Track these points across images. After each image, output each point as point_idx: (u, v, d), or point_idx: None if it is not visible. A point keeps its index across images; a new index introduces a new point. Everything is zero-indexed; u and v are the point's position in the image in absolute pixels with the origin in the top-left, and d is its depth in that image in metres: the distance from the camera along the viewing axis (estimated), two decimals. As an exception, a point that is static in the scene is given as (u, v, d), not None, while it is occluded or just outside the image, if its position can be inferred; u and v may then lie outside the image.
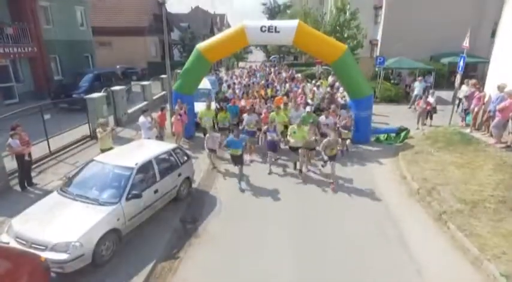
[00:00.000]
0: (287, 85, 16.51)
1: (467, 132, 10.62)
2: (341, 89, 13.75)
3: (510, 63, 9.95)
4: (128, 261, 5.30)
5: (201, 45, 11.24)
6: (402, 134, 11.67)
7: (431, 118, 13.51)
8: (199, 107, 12.47)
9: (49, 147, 9.65)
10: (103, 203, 5.38)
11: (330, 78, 19.45)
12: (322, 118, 10.11)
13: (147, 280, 4.99)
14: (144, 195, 5.83)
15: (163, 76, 19.93)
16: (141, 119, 9.31)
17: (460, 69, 11.52)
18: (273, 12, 54.18)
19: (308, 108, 10.58)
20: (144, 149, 6.93)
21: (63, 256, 4.56)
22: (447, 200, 6.90)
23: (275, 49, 44.99)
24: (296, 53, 43.14)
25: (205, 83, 14.69)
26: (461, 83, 12.48)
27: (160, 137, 10.65)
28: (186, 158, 7.59)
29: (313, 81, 18.57)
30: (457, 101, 13.58)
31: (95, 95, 11.78)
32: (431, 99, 13.22)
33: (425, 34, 23.19)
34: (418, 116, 13.16)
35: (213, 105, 13.87)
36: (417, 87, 16.52)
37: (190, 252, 5.74)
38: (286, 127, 9.78)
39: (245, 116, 10.07)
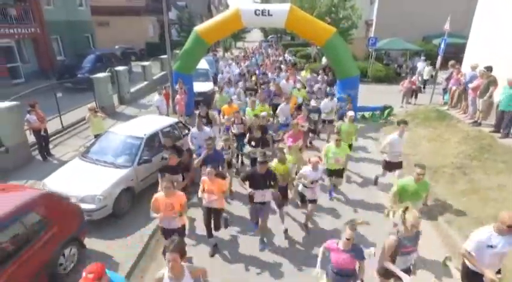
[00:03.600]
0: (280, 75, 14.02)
1: (444, 110, 11.62)
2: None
3: (484, 46, 10.80)
4: (142, 214, 6.38)
5: (198, 28, 11.98)
6: (386, 112, 12.66)
7: (416, 97, 14.49)
8: (199, 86, 13.43)
9: (61, 122, 10.61)
10: (119, 166, 6.43)
11: (324, 60, 20.18)
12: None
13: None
14: (153, 160, 6.86)
15: (162, 56, 20.60)
16: (157, 97, 10.79)
17: (440, 51, 12.36)
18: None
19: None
20: (151, 122, 7.91)
21: (90, 206, 5.65)
22: (413, 166, 7.96)
23: (272, 29, 44.99)
24: (293, 33, 43.22)
25: (203, 63, 15.46)
26: (443, 63, 13.30)
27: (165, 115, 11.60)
28: (187, 131, 8.56)
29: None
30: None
31: (101, 74, 12.61)
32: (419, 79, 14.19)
33: (419, 14, 23.69)
34: (403, 95, 14.09)
35: (211, 84, 14.77)
36: (426, 72, 16.67)
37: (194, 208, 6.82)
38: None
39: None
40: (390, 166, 6.96)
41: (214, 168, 5.20)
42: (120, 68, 14.36)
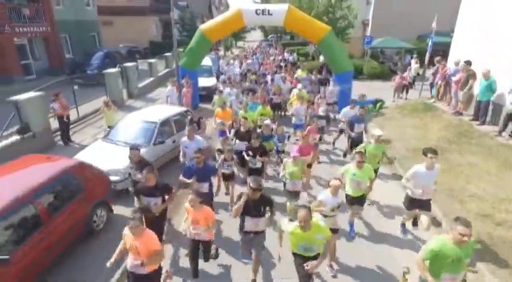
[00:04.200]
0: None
1: (431, 102, 12.54)
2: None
3: (468, 43, 11.70)
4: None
5: (203, 27, 12.91)
6: (378, 105, 13.57)
7: (407, 92, 15.38)
8: (203, 81, 14.37)
9: (78, 113, 11.53)
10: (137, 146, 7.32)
11: (322, 58, 21.06)
12: None
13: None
14: (166, 142, 7.78)
15: (167, 54, 21.55)
16: (169, 87, 11.67)
17: (428, 48, 13.29)
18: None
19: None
20: (163, 110, 8.87)
21: (115, 178, 6.56)
22: (398, 149, 8.90)
23: (272, 29, 45.87)
24: (292, 33, 44.07)
25: (206, 61, 16.40)
26: (430, 60, 14.21)
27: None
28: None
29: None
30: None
31: (112, 70, 13.52)
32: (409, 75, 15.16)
33: (414, 14, 24.54)
34: (395, 90, 15.00)
35: (214, 80, 15.68)
36: (413, 69, 16.87)
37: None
38: None
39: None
40: (414, 204, 5.42)
41: (198, 195, 4.34)
42: (129, 64, 15.26)
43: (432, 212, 5.57)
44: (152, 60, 18.63)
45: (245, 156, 6.51)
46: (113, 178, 6.50)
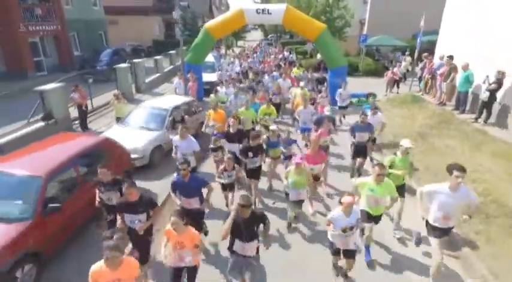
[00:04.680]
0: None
1: (419, 95, 13.49)
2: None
3: (453, 39, 12.65)
4: (169, 167, 8.20)
5: (208, 24, 13.89)
6: (370, 98, 14.49)
7: (398, 86, 16.31)
8: (206, 76, 15.31)
9: (92, 104, 12.48)
10: (152, 129, 8.33)
11: (319, 55, 21.98)
12: None
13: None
14: (177, 127, 8.71)
15: (171, 52, 22.57)
16: (177, 80, 12.55)
17: (417, 45, 14.25)
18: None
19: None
20: (173, 99, 9.86)
21: (134, 155, 7.50)
22: (386, 135, 9.85)
23: (272, 28, 46.81)
24: (291, 32, 44.99)
25: (209, 58, 17.39)
26: (419, 57, 15.15)
27: None
28: (200, 108, 10.44)
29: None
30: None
31: (123, 65, 14.48)
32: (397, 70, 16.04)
33: (410, 14, 25.38)
34: (386, 84, 15.95)
35: (216, 75, 16.63)
36: (403, 65, 17.59)
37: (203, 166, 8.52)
38: None
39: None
40: (435, 232, 4.44)
41: (182, 217, 3.66)
42: (137, 60, 16.23)
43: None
44: (158, 57, 19.60)
45: (240, 157, 6.21)
46: (132, 156, 7.44)
